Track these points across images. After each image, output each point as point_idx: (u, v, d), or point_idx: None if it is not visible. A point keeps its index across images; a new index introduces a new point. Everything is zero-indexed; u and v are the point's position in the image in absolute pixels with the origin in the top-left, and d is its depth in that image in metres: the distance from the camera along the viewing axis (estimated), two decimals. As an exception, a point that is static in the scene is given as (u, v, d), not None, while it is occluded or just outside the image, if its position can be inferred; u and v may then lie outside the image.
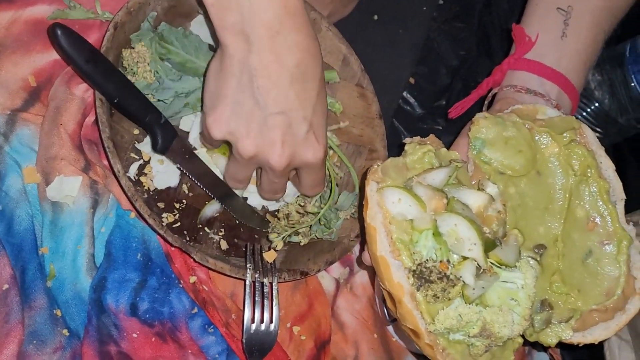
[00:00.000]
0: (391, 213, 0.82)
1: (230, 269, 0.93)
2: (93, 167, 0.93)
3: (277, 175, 0.93)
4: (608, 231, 0.90)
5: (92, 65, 0.85)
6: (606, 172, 0.92)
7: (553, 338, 0.87)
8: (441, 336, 0.81)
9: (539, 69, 1.04)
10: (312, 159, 0.91)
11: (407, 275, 0.80)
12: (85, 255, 0.92)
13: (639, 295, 0.89)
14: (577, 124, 0.92)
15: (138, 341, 0.92)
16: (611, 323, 0.89)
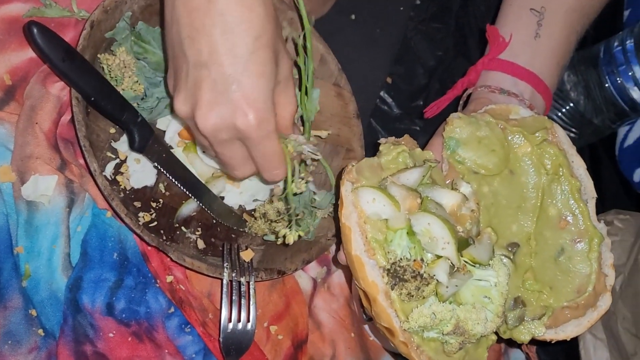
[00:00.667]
0: (366, 213, 0.84)
1: (207, 268, 0.94)
2: (69, 166, 0.94)
3: (215, 145, 0.86)
4: (580, 229, 0.93)
5: (68, 63, 0.87)
6: (578, 171, 0.95)
7: (526, 335, 0.90)
8: (415, 334, 0.84)
9: (512, 69, 1.06)
10: (242, 126, 0.82)
11: (382, 274, 0.83)
12: (61, 255, 0.93)
13: (609, 292, 0.92)
14: (549, 124, 0.95)
15: (114, 341, 0.93)
16: (583, 319, 0.92)
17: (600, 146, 1.55)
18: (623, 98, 1.33)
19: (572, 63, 1.37)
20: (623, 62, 1.31)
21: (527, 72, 1.06)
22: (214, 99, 0.81)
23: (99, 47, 0.95)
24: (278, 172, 0.91)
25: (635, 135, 1.52)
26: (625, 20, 1.56)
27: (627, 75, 1.31)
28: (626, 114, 1.36)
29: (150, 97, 0.97)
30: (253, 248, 1.02)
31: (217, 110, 0.81)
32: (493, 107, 0.98)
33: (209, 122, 0.82)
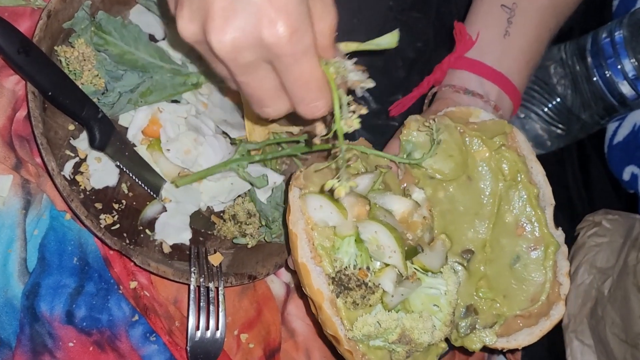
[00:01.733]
0: (313, 219, 0.87)
1: (173, 273, 0.94)
2: (25, 165, 0.93)
3: (233, 70, 0.72)
4: (536, 237, 0.95)
5: (23, 55, 0.86)
6: (536, 177, 0.97)
7: (477, 343, 0.93)
8: (361, 342, 0.86)
9: (478, 69, 1.07)
10: (270, 38, 0.67)
11: (328, 282, 0.85)
12: (17, 260, 0.92)
13: (563, 302, 0.94)
14: (508, 128, 0.97)
15: (74, 351, 0.92)
16: (535, 329, 0.94)
17: (589, 143, 1.57)
18: (612, 92, 1.34)
19: (559, 55, 1.38)
20: (612, 54, 1.32)
21: (494, 72, 1.07)
22: (230, 5, 0.67)
23: (57, 38, 0.94)
24: (319, 103, 0.75)
25: (624, 131, 1.53)
26: (614, 10, 1.57)
27: (616, 68, 1.32)
28: (615, 110, 1.37)
29: (111, 91, 0.97)
30: (222, 252, 1.02)
31: (236, 20, 0.67)
32: (453, 110, 0.99)
33: (226, 37, 0.68)
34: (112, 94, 0.97)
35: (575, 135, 1.44)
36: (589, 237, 1.43)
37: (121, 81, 0.98)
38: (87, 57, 0.95)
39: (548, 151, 1.47)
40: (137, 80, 0.99)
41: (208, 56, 0.73)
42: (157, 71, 1.01)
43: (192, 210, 1.04)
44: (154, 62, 1.01)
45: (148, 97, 1.00)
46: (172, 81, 1.02)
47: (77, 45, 0.94)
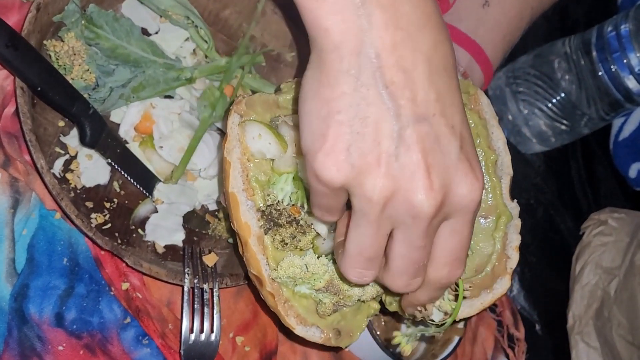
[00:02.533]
0: (250, 149, 0.84)
1: (166, 274, 0.94)
2: (13, 163, 0.93)
3: (421, 232, 0.67)
4: (489, 205, 0.93)
5: (12, 49, 0.86)
6: (496, 144, 0.95)
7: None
8: (285, 286, 0.84)
9: (452, 34, 1.07)
10: (468, 196, 0.67)
11: (257, 217, 0.82)
12: (5, 261, 0.92)
13: (509, 275, 0.92)
14: (472, 90, 0.95)
15: (64, 354, 0.92)
16: (476, 301, 0.92)
17: (594, 139, 1.57)
18: (617, 87, 1.35)
19: (563, 50, 1.38)
20: (617, 48, 1.32)
21: (467, 39, 1.07)
22: (439, 163, 0.65)
23: (46, 32, 0.94)
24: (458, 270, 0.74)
25: (631, 127, 1.54)
26: (620, 3, 1.58)
27: (622, 63, 1.33)
28: (621, 105, 1.38)
29: (102, 86, 0.97)
30: (217, 252, 1.02)
31: (443, 178, 0.66)
32: None
33: (434, 195, 0.65)
34: (103, 89, 0.97)
35: (580, 132, 1.44)
36: (595, 236, 1.43)
37: (113, 76, 0.98)
38: (77, 51, 0.94)
39: (552, 147, 1.48)
40: (129, 75, 0.99)
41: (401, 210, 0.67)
42: (149, 66, 1.01)
43: (186, 210, 1.04)
44: (147, 57, 1.01)
45: (140, 93, 1.00)
46: (165, 76, 1.02)
47: (67, 39, 0.94)
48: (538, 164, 1.51)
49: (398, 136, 0.63)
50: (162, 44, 1.05)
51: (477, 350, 1.28)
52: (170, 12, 1.05)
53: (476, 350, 1.27)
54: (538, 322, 1.43)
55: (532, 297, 1.43)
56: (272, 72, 1.15)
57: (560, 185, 1.55)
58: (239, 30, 1.13)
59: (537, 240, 1.47)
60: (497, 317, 1.33)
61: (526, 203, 1.49)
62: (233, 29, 1.13)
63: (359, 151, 0.64)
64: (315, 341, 0.87)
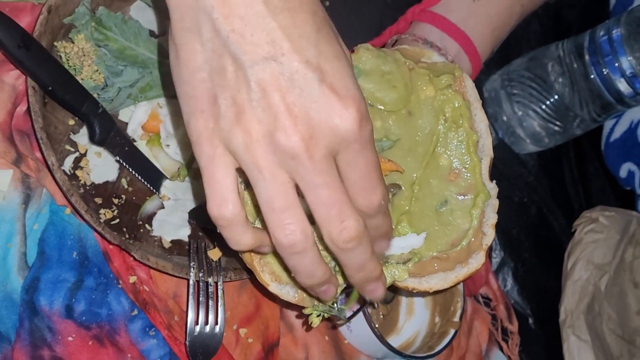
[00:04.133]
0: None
1: (172, 268, 0.94)
2: (25, 160, 0.93)
3: (310, 170, 0.65)
4: (468, 183, 0.93)
5: (24, 50, 0.86)
6: (478, 126, 0.95)
7: (387, 278, 0.88)
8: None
9: (442, 24, 1.07)
10: (341, 124, 0.64)
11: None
12: (17, 254, 0.92)
13: (483, 251, 0.92)
14: (458, 72, 0.95)
15: (74, 345, 0.92)
16: (450, 274, 0.91)
17: (586, 140, 1.57)
18: (609, 90, 1.34)
19: (556, 53, 1.38)
20: (609, 52, 1.32)
21: (457, 30, 1.07)
22: (298, 101, 0.63)
23: (57, 33, 0.94)
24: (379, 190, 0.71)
25: (622, 128, 1.54)
26: (612, 8, 1.58)
27: (614, 66, 1.32)
28: (612, 107, 1.38)
29: (111, 87, 0.97)
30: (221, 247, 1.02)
31: (311, 113, 0.64)
32: (406, 48, 0.97)
33: (304, 134, 0.64)
34: (112, 89, 0.97)
35: (573, 132, 1.44)
36: (586, 233, 1.43)
37: (121, 77, 0.98)
38: (87, 52, 0.94)
39: (545, 148, 1.48)
40: (136, 75, 0.99)
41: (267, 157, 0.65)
42: (156, 66, 1.01)
43: (192, 206, 1.04)
44: (154, 58, 1.01)
45: (147, 93, 1.00)
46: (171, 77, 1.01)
47: (77, 41, 0.94)
48: (531, 164, 1.51)
49: (252, 81, 0.63)
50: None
51: (472, 343, 1.28)
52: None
53: (471, 342, 1.27)
54: (531, 316, 1.43)
55: (525, 292, 1.43)
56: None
57: (553, 184, 1.55)
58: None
59: (530, 238, 1.47)
60: (491, 311, 1.33)
61: (520, 201, 1.49)
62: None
63: (226, 102, 0.64)
64: (289, 300, 0.86)
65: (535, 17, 1.22)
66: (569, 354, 1.35)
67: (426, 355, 1.12)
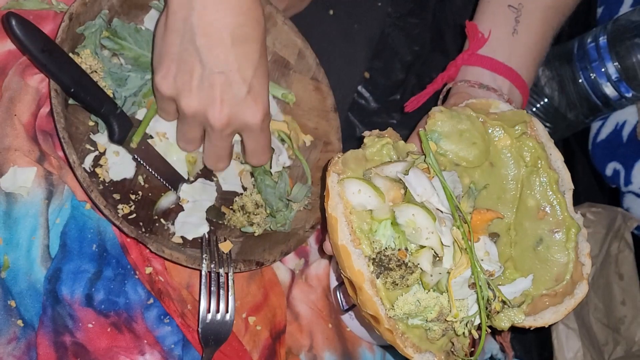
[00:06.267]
0: (351, 204, 0.85)
1: (186, 260, 0.94)
2: (48, 158, 0.94)
3: (218, 137, 0.96)
4: (557, 219, 0.94)
5: (47, 55, 0.86)
6: (555, 164, 0.96)
7: (506, 322, 0.90)
8: (400, 321, 0.85)
9: (491, 65, 1.07)
10: (251, 120, 0.94)
11: (367, 263, 0.83)
12: (40, 246, 0.92)
13: (586, 280, 0.93)
14: (528, 118, 0.95)
15: (93, 331, 0.92)
16: (560, 307, 0.92)
17: (574, 141, 1.57)
18: (596, 93, 1.34)
19: (547, 59, 1.38)
20: (596, 58, 1.32)
21: (505, 67, 1.07)
22: (228, 99, 0.91)
23: (78, 39, 0.95)
24: (264, 158, 1.04)
25: (607, 130, 1.54)
26: (599, 17, 1.57)
27: (600, 71, 1.32)
28: (599, 109, 1.38)
29: (119, 98, 0.97)
30: (232, 240, 1.02)
31: (231, 108, 0.92)
32: (473, 102, 0.98)
33: (222, 118, 0.92)
34: (120, 100, 0.97)
35: (562, 133, 1.44)
36: (574, 228, 1.43)
37: (126, 86, 0.98)
38: (94, 69, 0.95)
39: (536, 148, 1.47)
40: (139, 82, 0.99)
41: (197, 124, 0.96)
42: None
43: (207, 206, 1.05)
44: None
45: (150, 97, 1.01)
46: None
47: (84, 57, 0.94)
48: (523, 163, 1.51)
49: (204, 78, 0.90)
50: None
51: (467, 330, 1.27)
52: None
53: (466, 330, 1.27)
54: (522, 306, 1.43)
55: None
56: (282, 78, 1.15)
57: (543, 182, 1.55)
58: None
59: (522, 232, 1.47)
60: (485, 301, 1.33)
61: (512, 198, 1.48)
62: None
63: (180, 81, 0.91)
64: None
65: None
66: (557, 341, 1.34)
67: (423, 342, 1.11)
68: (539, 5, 1.12)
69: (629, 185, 1.49)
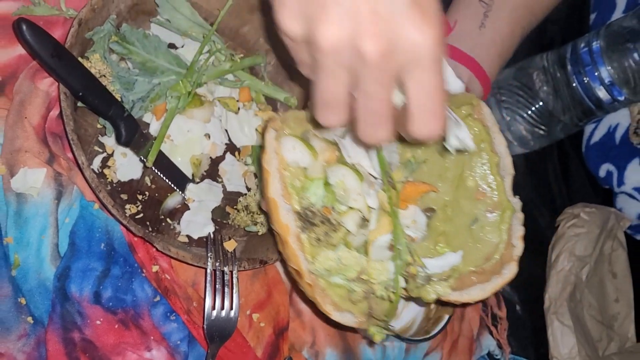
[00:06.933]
0: (286, 160, 0.85)
1: (191, 258, 0.94)
2: (57, 160, 0.94)
3: (375, 78, 0.63)
4: (494, 201, 0.94)
5: (57, 59, 0.86)
6: (498, 148, 0.96)
7: (432, 294, 0.89)
8: (322, 277, 0.84)
9: (453, 53, 1.08)
10: (420, 41, 0.60)
11: (295, 218, 0.83)
12: (50, 245, 0.92)
13: (515, 262, 0.93)
14: (475, 101, 0.96)
15: (101, 328, 0.92)
16: (487, 285, 0.92)
17: (568, 143, 1.57)
18: (589, 97, 1.34)
19: (541, 64, 1.38)
20: (589, 62, 1.32)
21: (467, 58, 1.07)
22: (383, 11, 0.59)
23: (87, 44, 0.94)
24: (438, 121, 0.66)
25: (600, 133, 1.54)
26: (592, 23, 1.57)
27: (594, 75, 1.32)
28: (592, 113, 1.37)
29: (127, 102, 0.97)
30: (236, 239, 1.02)
31: (388, 26, 0.60)
32: None
33: (378, 43, 0.60)
34: (128, 104, 0.97)
35: (556, 136, 1.44)
36: (569, 227, 1.43)
37: (133, 90, 0.98)
38: (103, 73, 0.95)
39: (532, 150, 1.47)
40: (147, 87, 0.99)
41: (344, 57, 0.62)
42: (170, 75, 1.01)
43: (213, 206, 1.05)
44: (172, 68, 1.01)
45: (157, 102, 1.01)
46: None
47: (93, 62, 0.94)
48: (518, 164, 1.49)
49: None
50: (186, 55, 1.05)
51: (465, 327, 1.27)
52: (190, 31, 1.05)
53: (464, 327, 1.27)
54: (518, 303, 1.43)
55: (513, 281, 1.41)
56: (285, 82, 1.14)
57: (539, 183, 1.55)
58: (257, 45, 1.13)
59: (517, 232, 1.47)
60: (482, 298, 1.33)
61: (508, 199, 1.48)
62: (251, 43, 1.13)
63: (311, 5, 0.61)
64: (349, 324, 0.87)
65: (521, 31, 1.22)
66: (553, 338, 1.34)
67: (423, 339, 1.12)
68: (509, 4, 1.13)
69: (621, 186, 1.49)
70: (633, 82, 1.30)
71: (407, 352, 1.20)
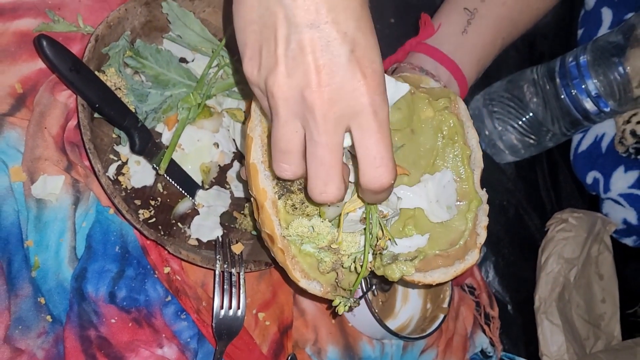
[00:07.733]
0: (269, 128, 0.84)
1: (201, 260, 0.95)
2: (75, 167, 0.94)
3: (321, 128, 0.64)
4: (463, 190, 0.94)
5: (75, 73, 0.87)
6: (471, 142, 0.96)
7: (397, 273, 0.88)
8: (293, 244, 0.84)
9: (435, 54, 1.09)
10: (359, 94, 0.63)
11: (273, 185, 0.83)
12: (68, 248, 0.93)
13: (478, 249, 0.93)
14: (453, 96, 0.96)
15: (116, 326, 0.93)
16: (450, 269, 0.92)
17: (557, 151, 1.57)
18: (577, 108, 1.35)
19: (531, 77, 1.39)
20: (577, 75, 1.33)
21: (447, 60, 1.08)
22: (326, 63, 0.62)
23: (103, 59, 0.95)
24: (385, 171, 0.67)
25: (588, 142, 1.54)
26: (579, 38, 1.58)
27: (581, 88, 1.33)
28: (580, 123, 1.38)
29: (141, 114, 0.98)
30: (243, 242, 1.03)
31: (331, 78, 0.62)
32: (407, 75, 0.99)
33: (321, 92, 0.63)
34: (141, 115, 0.98)
35: (545, 145, 1.44)
36: (557, 231, 1.43)
37: (147, 102, 0.99)
38: (118, 86, 0.96)
39: (522, 158, 1.48)
40: (159, 99, 1.00)
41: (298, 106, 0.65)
42: (181, 87, 1.02)
43: (222, 211, 1.06)
44: (183, 81, 1.02)
45: (169, 113, 1.02)
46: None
47: (109, 75, 0.95)
48: (510, 172, 1.52)
49: (291, 38, 0.62)
50: (196, 69, 1.06)
51: (459, 326, 1.28)
52: (200, 47, 1.06)
53: (458, 326, 1.27)
54: (510, 303, 1.43)
55: (505, 283, 1.43)
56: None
57: (529, 190, 1.55)
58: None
59: (509, 235, 1.47)
60: (475, 298, 1.34)
61: (500, 204, 1.49)
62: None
63: (267, 54, 0.64)
64: (316, 293, 0.87)
65: (512, 45, 1.22)
66: (542, 336, 1.35)
67: (419, 337, 1.12)
68: (492, 14, 1.14)
69: (607, 192, 1.49)
70: (618, 94, 1.31)
71: (404, 350, 1.20)
